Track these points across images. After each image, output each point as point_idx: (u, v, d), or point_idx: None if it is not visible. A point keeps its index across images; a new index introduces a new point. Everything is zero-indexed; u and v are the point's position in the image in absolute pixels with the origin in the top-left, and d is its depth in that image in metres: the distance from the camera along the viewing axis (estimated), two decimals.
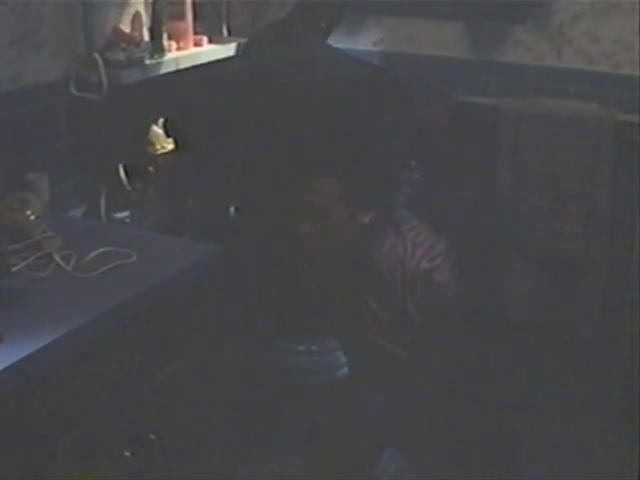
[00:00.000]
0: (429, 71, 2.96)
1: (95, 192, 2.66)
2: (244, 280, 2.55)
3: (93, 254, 2.15)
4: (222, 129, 2.64)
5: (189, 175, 2.79)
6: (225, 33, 3.07)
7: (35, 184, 2.40)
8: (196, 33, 2.86)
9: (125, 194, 2.69)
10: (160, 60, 2.66)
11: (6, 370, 1.73)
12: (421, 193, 2.71)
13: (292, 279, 2.46)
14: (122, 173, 2.68)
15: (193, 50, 2.82)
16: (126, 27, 2.67)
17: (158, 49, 2.66)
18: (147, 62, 2.62)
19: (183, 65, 2.74)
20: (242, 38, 2.95)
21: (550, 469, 2.79)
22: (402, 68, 2.84)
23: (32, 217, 2.24)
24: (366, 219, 2.37)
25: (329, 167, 2.38)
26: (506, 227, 2.90)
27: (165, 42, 2.68)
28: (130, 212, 2.71)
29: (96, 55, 2.51)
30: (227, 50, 2.91)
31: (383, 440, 2.45)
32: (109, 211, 2.68)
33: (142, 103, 2.69)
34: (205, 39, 2.88)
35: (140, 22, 2.70)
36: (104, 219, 2.66)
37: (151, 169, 2.75)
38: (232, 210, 2.71)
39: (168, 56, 2.70)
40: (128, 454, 2.07)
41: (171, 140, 2.75)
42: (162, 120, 2.79)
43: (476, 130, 2.86)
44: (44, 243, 2.19)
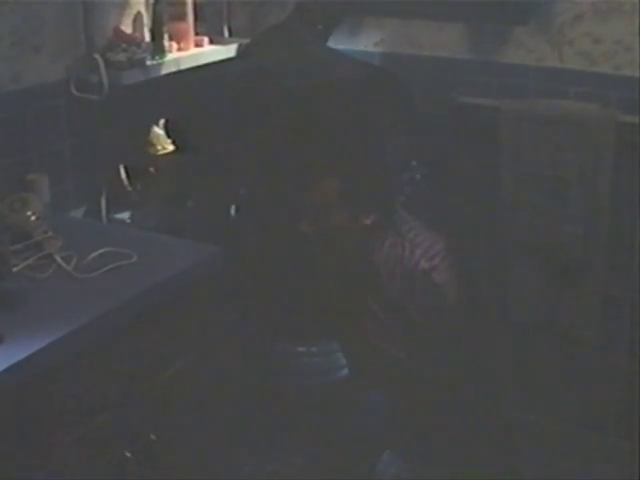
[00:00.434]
0: (430, 72, 2.96)
1: (96, 193, 2.66)
2: (244, 280, 2.55)
3: (94, 255, 2.16)
4: (223, 130, 2.65)
5: (190, 176, 2.79)
6: (226, 34, 3.08)
7: (36, 185, 2.40)
8: (197, 34, 2.86)
9: (126, 195, 2.70)
10: (161, 61, 2.66)
11: (6, 371, 1.73)
12: (422, 193, 2.72)
13: (292, 280, 2.47)
14: (123, 174, 2.68)
15: (194, 51, 2.82)
16: (127, 28, 2.67)
17: (159, 50, 2.66)
18: (148, 63, 2.62)
19: (184, 66, 2.74)
20: (243, 39, 2.96)
21: (550, 469, 2.79)
22: (403, 69, 2.85)
23: (33, 218, 2.24)
24: (367, 221, 2.37)
25: (330, 167, 2.38)
26: (507, 228, 2.90)
27: (166, 43, 2.69)
28: (131, 213, 2.72)
29: (97, 56, 2.52)
30: (228, 51, 2.91)
31: (383, 441, 2.45)
32: (110, 212, 2.68)
33: (143, 104, 2.69)
34: (206, 40, 2.88)
35: (141, 23, 2.71)
36: (105, 220, 2.67)
37: (152, 170, 2.75)
38: (232, 211, 2.70)
39: (169, 57, 2.70)
40: (128, 454, 2.07)
41: (172, 141, 2.76)
42: (163, 121, 2.80)
43: (477, 131, 2.86)
44: (45, 244, 2.20)
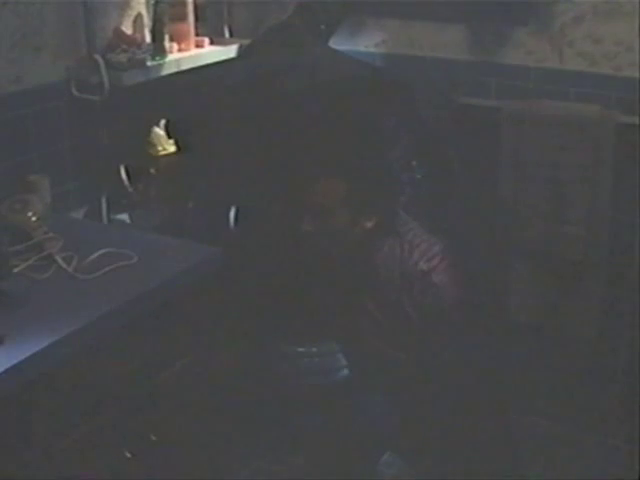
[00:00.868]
0: (431, 73, 2.95)
1: (96, 193, 2.66)
2: (245, 281, 2.55)
3: (94, 255, 2.15)
4: (223, 130, 2.65)
5: (190, 176, 2.79)
6: (227, 34, 3.08)
7: (36, 185, 2.41)
8: (197, 35, 2.86)
9: (126, 195, 2.70)
10: (162, 62, 2.67)
11: (7, 371, 1.73)
12: (422, 194, 2.71)
13: (292, 280, 2.46)
14: (123, 174, 2.68)
15: (195, 52, 2.83)
16: (128, 29, 2.67)
17: (160, 51, 2.66)
18: (148, 64, 2.62)
19: (185, 67, 2.75)
20: (244, 39, 2.96)
21: (551, 470, 2.79)
22: (404, 70, 2.85)
23: (33, 218, 2.24)
24: (368, 223, 2.37)
25: (332, 169, 2.38)
26: (507, 228, 2.90)
27: (167, 44, 2.69)
28: (131, 213, 2.72)
29: (97, 57, 2.52)
30: (229, 51, 2.92)
31: (382, 442, 2.45)
32: (110, 212, 2.68)
33: (143, 105, 2.70)
34: (207, 41, 2.88)
35: (142, 24, 2.71)
36: (105, 220, 2.67)
37: (152, 170, 2.75)
38: (233, 212, 2.70)
39: (170, 57, 2.70)
40: (129, 455, 2.07)
41: (172, 142, 2.76)
42: (163, 122, 2.80)
43: (477, 132, 2.86)
44: (45, 244, 2.19)
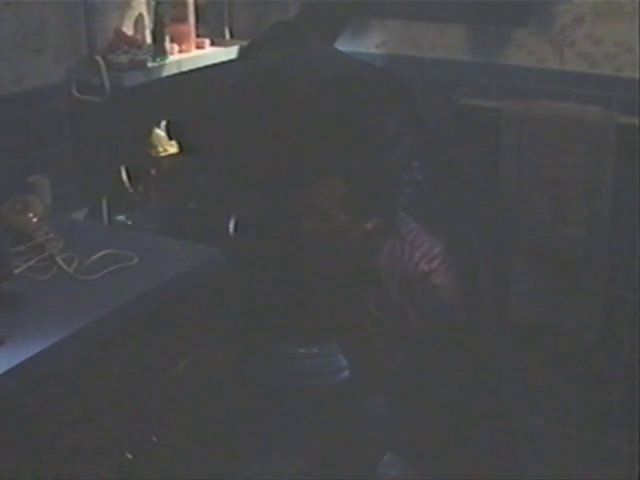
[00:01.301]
0: (431, 74, 2.96)
1: (97, 194, 2.66)
2: (245, 283, 2.55)
3: (95, 257, 2.16)
4: (224, 131, 2.64)
5: (191, 178, 2.79)
6: (227, 36, 3.08)
7: (37, 186, 2.41)
8: (198, 36, 2.86)
9: (127, 197, 2.70)
10: (162, 63, 2.66)
11: (8, 373, 1.73)
12: (423, 194, 2.71)
13: (293, 281, 2.46)
14: (124, 176, 2.68)
15: (195, 53, 2.82)
16: (128, 30, 2.68)
17: (160, 52, 2.66)
18: (149, 65, 2.62)
19: (185, 68, 2.74)
20: (244, 41, 2.95)
21: (551, 471, 2.79)
22: (404, 71, 2.85)
23: (34, 219, 2.24)
24: (369, 225, 2.37)
25: (332, 169, 2.38)
26: (507, 229, 2.90)
27: (167, 45, 2.69)
28: (132, 215, 2.71)
29: (98, 58, 2.52)
30: (229, 53, 2.91)
31: (383, 443, 2.45)
32: (111, 214, 2.68)
33: (144, 106, 2.70)
34: (207, 42, 2.88)
35: (142, 25, 2.71)
36: (106, 222, 2.67)
37: (153, 172, 2.75)
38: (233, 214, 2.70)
39: (170, 59, 2.70)
40: (130, 456, 2.07)
41: (173, 143, 2.76)
42: (164, 123, 2.79)
43: (478, 133, 2.86)
44: (46, 245, 2.19)
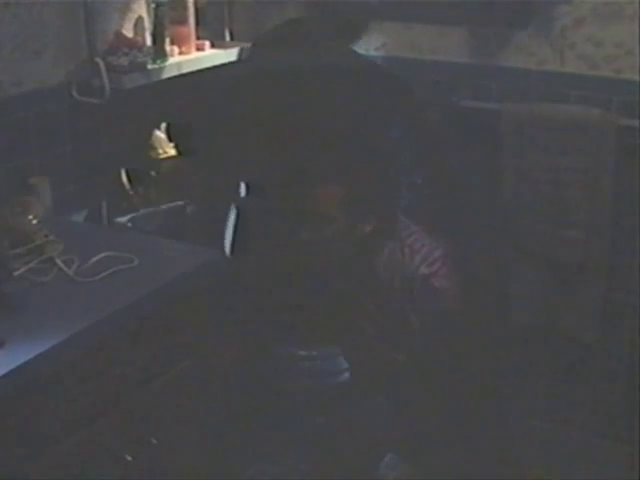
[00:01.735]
0: (431, 76, 2.96)
1: (97, 196, 2.66)
2: (245, 285, 2.55)
3: (95, 258, 2.15)
4: (224, 133, 2.65)
5: (191, 180, 2.79)
6: (227, 38, 3.08)
7: (37, 188, 2.41)
8: (198, 38, 2.86)
9: (127, 198, 2.69)
10: (162, 65, 2.67)
11: (7, 375, 1.73)
12: (422, 197, 2.71)
13: (293, 284, 2.46)
14: (124, 177, 2.68)
15: (195, 55, 2.82)
16: (128, 32, 2.68)
17: (160, 54, 2.66)
18: (149, 67, 2.62)
19: (185, 70, 2.75)
20: (244, 43, 2.96)
21: (551, 471, 2.79)
22: (404, 73, 2.85)
23: (34, 221, 2.24)
24: (368, 228, 2.37)
25: (332, 174, 2.38)
26: (507, 231, 2.90)
27: (167, 47, 2.69)
28: (132, 216, 2.71)
29: (98, 60, 2.52)
30: (229, 55, 2.92)
31: (384, 445, 2.44)
32: (111, 215, 2.68)
33: (144, 108, 2.70)
34: (207, 44, 2.88)
35: (142, 27, 2.72)
36: (106, 223, 2.67)
37: (153, 174, 2.75)
38: (233, 214, 2.70)
39: (170, 61, 2.70)
40: (129, 458, 2.07)
41: (173, 145, 2.76)
42: (164, 125, 2.80)
43: (478, 135, 2.86)
44: (46, 247, 2.19)
